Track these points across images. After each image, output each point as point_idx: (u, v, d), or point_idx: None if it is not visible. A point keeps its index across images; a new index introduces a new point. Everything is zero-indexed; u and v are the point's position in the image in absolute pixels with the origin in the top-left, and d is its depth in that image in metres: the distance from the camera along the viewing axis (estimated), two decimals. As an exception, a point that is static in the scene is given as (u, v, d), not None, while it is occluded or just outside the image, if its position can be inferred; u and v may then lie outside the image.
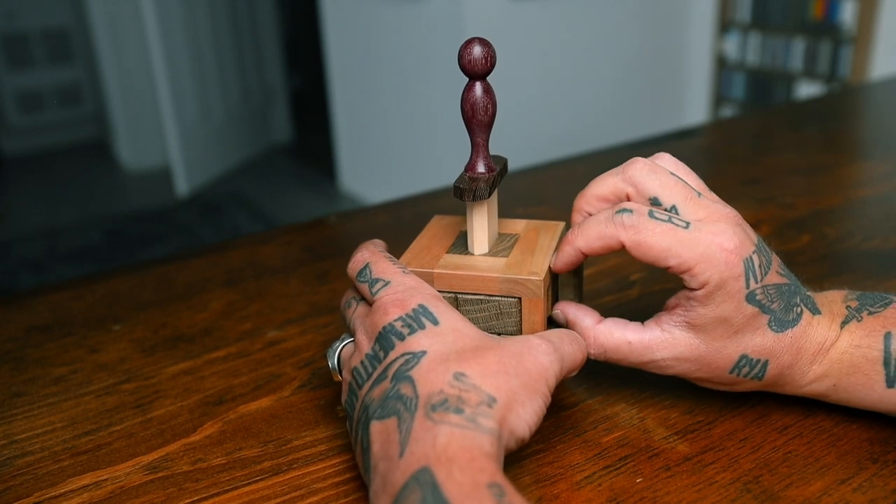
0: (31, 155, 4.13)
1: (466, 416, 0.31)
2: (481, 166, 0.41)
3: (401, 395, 0.33)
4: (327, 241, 0.70)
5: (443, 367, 0.34)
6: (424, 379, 0.33)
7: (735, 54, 2.88)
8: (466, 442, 0.30)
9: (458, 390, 0.33)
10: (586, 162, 0.86)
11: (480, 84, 0.40)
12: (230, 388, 0.46)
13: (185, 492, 0.38)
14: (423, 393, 0.33)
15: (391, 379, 0.34)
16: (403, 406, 0.33)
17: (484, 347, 0.35)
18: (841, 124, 1.03)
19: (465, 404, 0.32)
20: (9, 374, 0.49)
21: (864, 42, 2.48)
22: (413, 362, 0.34)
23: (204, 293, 0.58)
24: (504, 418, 0.32)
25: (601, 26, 2.73)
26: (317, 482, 0.38)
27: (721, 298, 0.37)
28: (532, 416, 0.34)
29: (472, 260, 0.42)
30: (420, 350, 0.35)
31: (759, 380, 0.39)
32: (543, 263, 0.41)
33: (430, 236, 0.45)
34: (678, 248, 0.36)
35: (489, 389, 0.33)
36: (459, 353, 0.34)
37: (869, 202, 0.72)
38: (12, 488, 0.39)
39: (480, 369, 0.34)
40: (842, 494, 0.36)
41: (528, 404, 0.34)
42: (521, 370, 0.34)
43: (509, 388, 0.33)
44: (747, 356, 0.38)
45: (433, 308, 0.37)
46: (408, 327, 0.36)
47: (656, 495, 0.36)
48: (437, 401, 0.32)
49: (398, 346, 0.35)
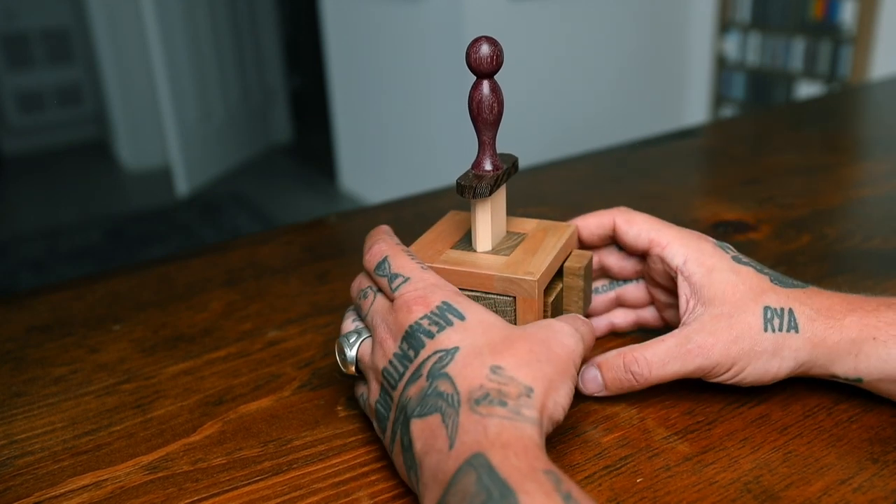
0: (31, 155, 4.13)
1: (511, 408, 0.32)
2: (487, 164, 0.42)
3: (440, 392, 0.33)
4: (327, 241, 0.70)
5: (478, 362, 0.34)
6: (462, 375, 0.34)
7: (735, 54, 2.88)
8: (517, 432, 0.31)
9: (497, 384, 0.33)
10: (586, 162, 0.86)
11: (487, 83, 0.40)
12: (230, 388, 0.46)
13: (185, 492, 0.38)
14: (463, 389, 0.33)
15: (427, 377, 0.35)
16: (445, 402, 0.33)
17: (513, 337, 0.35)
18: (841, 124, 1.03)
19: (507, 397, 0.32)
20: (9, 374, 0.49)
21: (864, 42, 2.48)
22: (447, 359, 0.35)
23: (204, 293, 0.58)
24: (543, 406, 0.33)
25: (601, 26, 2.73)
26: (317, 482, 0.38)
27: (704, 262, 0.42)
28: (566, 399, 0.35)
29: (474, 257, 0.42)
30: (452, 346, 0.35)
31: (796, 332, 0.39)
32: (542, 264, 0.41)
33: (440, 231, 0.45)
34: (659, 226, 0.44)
35: (526, 380, 0.33)
36: (491, 346, 0.35)
37: (869, 202, 0.72)
38: (12, 488, 0.39)
39: (514, 360, 0.34)
40: (842, 494, 0.36)
41: (562, 388, 0.35)
42: (552, 356, 0.35)
43: (543, 375, 0.34)
44: (770, 306, 0.40)
45: (457, 304, 0.37)
46: (435, 325, 0.36)
47: (656, 495, 0.36)
48: (480, 395, 0.33)
49: (429, 344, 0.36)
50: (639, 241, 0.44)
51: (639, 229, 0.44)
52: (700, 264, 0.42)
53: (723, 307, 0.40)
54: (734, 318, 0.40)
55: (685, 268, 0.42)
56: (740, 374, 0.40)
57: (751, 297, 0.40)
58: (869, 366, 0.39)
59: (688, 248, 0.42)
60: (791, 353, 0.40)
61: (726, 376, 0.40)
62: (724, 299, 0.40)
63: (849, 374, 0.40)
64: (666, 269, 0.43)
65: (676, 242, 0.43)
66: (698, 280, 0.41)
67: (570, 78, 2.72)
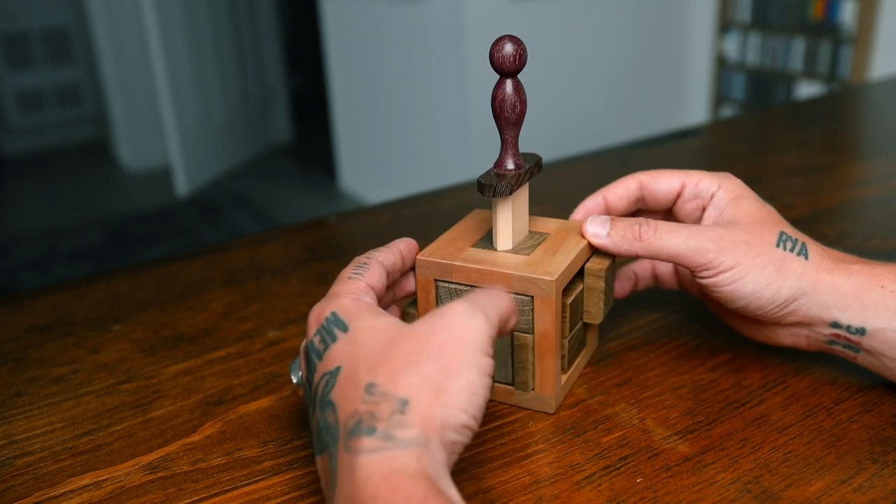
0: (31, 155, 4.13)
1: (380, 434, 0.28)
2: (510, 163, 0.42)
3: (328, 424, 0.31)
4: (327, 241, 0.70)
5: (354, 382, 0.31)
6: (342, 401, 0.30)
7: (735, 54, 2.88)
8: (385, 469, 0.27)
9: (369, 405, 0.29)
10: (586, 162, 0.86)
11: (511, 82, 0.40)
12: (230, 388, 0.46)
13: (185, 492, 0.38)
14: (342, 418, 0.30)
15: (319, 407, 0.32)
16: (331, 437, 0.30)
17: (392, 343, 0.31)
18: (841, 124, 1.03)
19: (377, 420, 0.29)
20: (9, 374, 0.49)
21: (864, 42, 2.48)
22: (332, 383, 0.31)
23: (204, 293, 0.58)
24: (427, 417, 0.29)
25: (601, 26, 2.73)
26: (317, 482, 0.38)
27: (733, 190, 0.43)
28: (465, 396, 0.30)
29: (494, 255, 0.42)
30: (335, 367, 0.32)
31: (805, 258, 0.40)
32: (562, 264, 0.40)
33: (462, 229, 0.45)
34: (685, 171, 0.45)
35: (399, 392, 0.29)
36: (369, 360, 0.31)
37: (869, 202, 0.72)
38: (12, 488, 0.39)
39: (388, 371, 0.30)
40: (842, 494, 0.36)
41: (453, 385, 0.30)
42: (434, 351, 0.30)
43: (421, 380, 0.30)
44: (786, 233, 0.41)
45: (344, 313, 0.34)
46: (323, 342, 0.33)
47: (656, 495, 0.36)
48: (353, 424, 0.29)
49: (318, 366, 0.33)
50: (671, 186, 0.46)
51: (667, 178, 0.46)
52: (729, 191, 0.44)
53: (742, 222, 0.42)
54: (750, 228, 0.41)
55: (718, 193, 0.44)
56: (740, 279, 0.40)
57: (770, 222, 0.42)
58: (876, 314, 0.39)
59: (720, 178, 0.45)
60: (796, 274, 0.40)
61: (726, 276, 0.40)
62: (745, 220, 0.42)
63: (853, 323, 0.40)
64: (698, 204, 0.45)
65: (707, 176, 0.45)
66: (724, 203, 0.43)
67: (569, 78, 2.72)
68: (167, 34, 3.22)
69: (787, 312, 0.40)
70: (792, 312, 0.40)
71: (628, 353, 0.48)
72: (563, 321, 0.42)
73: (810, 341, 0.42)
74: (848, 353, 0.41)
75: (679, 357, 0.47)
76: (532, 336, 0.41)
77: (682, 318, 0.52)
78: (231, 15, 3.71)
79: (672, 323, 0.51)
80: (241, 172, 3.77)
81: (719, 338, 0.49)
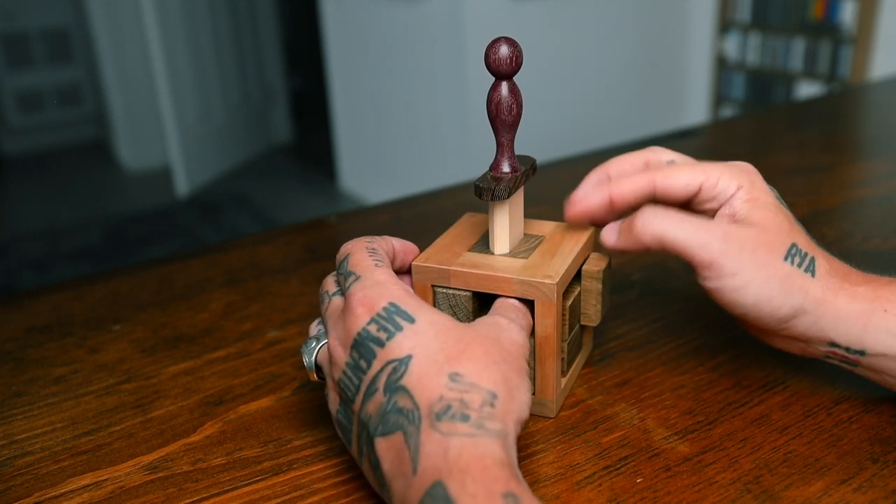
0: (31, 155, 4.13)
1: (473, 422, 0.31)
2: (506, 166, 0.41)
3: (399, 408, 0.32)
4: (327, 241, 0.70)
5: (435, 370, 0.32)
6: (419, 387, 0.32)
7: (735, 54, 2.88)
8: (478, 451, 0.30)
9: (458, 392, 0.32)
10: (586, 162, 0.86)
11: (507, 84, 0.39)
12: (230, 389, 0.46)
13: (185, 492, 0.38)
14: (422, 403, 0.32)
15: (384, 391, 0.33)
16: (406, 419, 0.32)
17: (466, 339, 0.34)
18: (841, 124, 1.03)
19: (469, 408, 0.31)
20: (9, 374, 0.49)
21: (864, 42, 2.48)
22: (402, 370, 0.33)
23: (204, 293, 0.58)
24: (508, 411, 0.32)
25: (601, 26, 2.73)
26: (317, 482, 0.38)
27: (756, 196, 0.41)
28: (528, 395, 0.34)
29: (492, 259, 0.41)
30: (405, 355, 0.33)
31: (812, 276, 0.39)
32: (561, 267, 0.40)
33: (456, 233, 0.45)
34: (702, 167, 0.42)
35: (487, 385, 0.32)
36: (446, 351, 0.33)
37: (869, 202, 0.72)
38: (12, 488, 0.39)
39: (472, 364, 0.33)
40: (842, 494, 0.36)
41: (522, 386, 0.34)
42: (506, 354, 0.34)
43: (503, 377, 0.33)
44: (797, 245, 0.39)
45: (405, 305, 0.35)
46: (384, 331, 0.34)
47: (656, 495, 0.36)
48: (440, 409, 0.31)
49: (380, 353, 0.34)
50: (687, 190, 0.42)
51: (684, 180, 0.41)
52: (748, 192, 0.41)
53: (755, 227, 0.39)
54: (761, 235, 0.39)
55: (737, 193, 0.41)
56: (742, 288, 0.38)
57: (784, 231, 0.40)
58: (876, 338, 0.39)
59: (739, 176, 0.41)
60: (800, 291, 0.39)
61: (728, 282, 0.38)
62: (758, 225, 0.40)
63: (852, 345, 0.39)
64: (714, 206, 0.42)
65: (727, 174, 0.41)
66: (740, 204, 0.40)
67: (570, 78, 2.72)
68: (167, 34, 3.22)
69: (786, 327, 0.40)
70: (790, 328, 0.40)
71: (628, 353, 0.48)
72: (563, 324, 0.42)
73: (806, 352, 0.42)
74: (845, 367, 0.41)
75: (679, 357, 0.47)
76: (532, 340, 0.41)
77: (682, 318, 0.52)
78: (231, 15, 3.71)
79: (672, 323, 0.51)
80: (241, 172, 3.77)
81: (719, 338, 0.49)
